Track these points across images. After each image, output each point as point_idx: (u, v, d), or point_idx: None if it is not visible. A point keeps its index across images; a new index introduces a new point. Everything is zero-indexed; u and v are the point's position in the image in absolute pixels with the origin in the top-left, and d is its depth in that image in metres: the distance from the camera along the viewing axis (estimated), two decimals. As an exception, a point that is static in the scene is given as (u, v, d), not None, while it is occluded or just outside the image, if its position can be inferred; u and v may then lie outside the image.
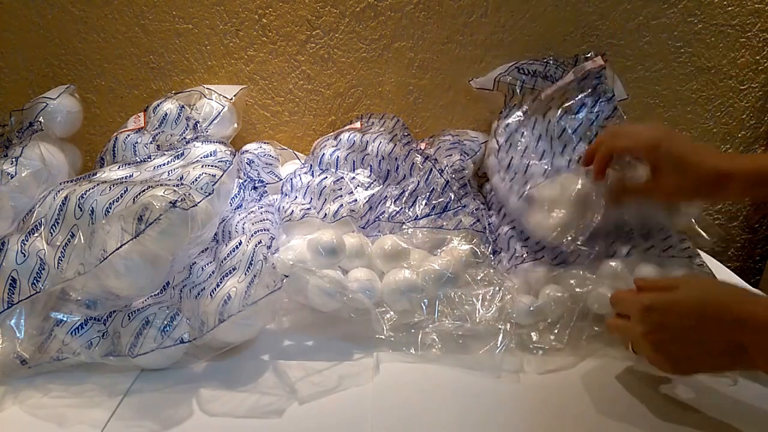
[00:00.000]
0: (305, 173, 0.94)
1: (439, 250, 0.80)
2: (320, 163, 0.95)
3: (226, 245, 0.77)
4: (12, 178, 0.78)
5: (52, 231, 0.69)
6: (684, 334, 0.57)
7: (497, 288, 0.75)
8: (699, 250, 0.81)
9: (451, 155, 0.93)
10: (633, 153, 0.75)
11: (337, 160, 0.94)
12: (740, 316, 0.54)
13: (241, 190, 0.91)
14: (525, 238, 0.83)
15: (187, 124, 0.94)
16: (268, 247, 0.75)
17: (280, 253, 0.76)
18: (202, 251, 0.79)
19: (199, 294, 0.71)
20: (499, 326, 0.72)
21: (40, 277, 0.66)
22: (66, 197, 0.70)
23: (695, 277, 0.74)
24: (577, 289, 0.75)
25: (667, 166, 0.70)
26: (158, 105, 0.96)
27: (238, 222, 0.83)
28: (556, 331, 0.73)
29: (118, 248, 0.62)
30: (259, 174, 0.99)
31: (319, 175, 0.91)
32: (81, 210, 0.68)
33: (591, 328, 0.73)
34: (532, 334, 0.74)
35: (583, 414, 0.63)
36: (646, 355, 0.61)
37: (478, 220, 0.84)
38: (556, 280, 0.78)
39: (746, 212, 1.17)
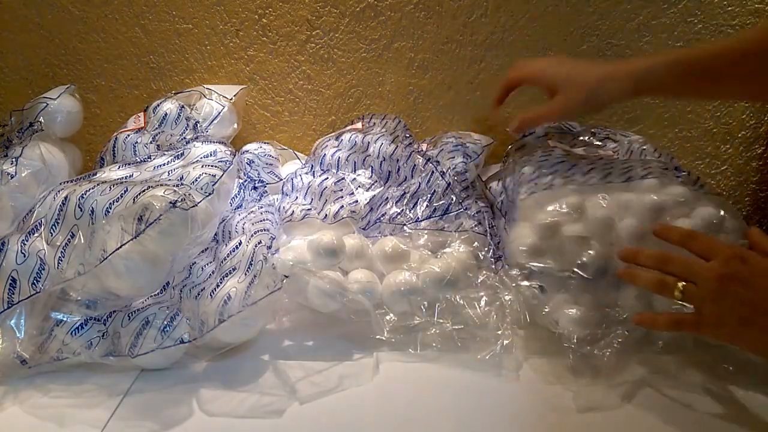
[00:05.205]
0: (306, 173, 0.94)
1: (439, 253, 0.80)
2: (321, 163, 0.95)
3: (226, 245, 0.77)
4: (12, 178, 0.78)
5: (52, 231, 0.69)
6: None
7: (498, 291, 0.75)
8: None
9: (454, 157, 0.92)
10: (535, 80, 0.84)
11: (339, 160, 0.94)
12: None
13: (241, 190, 0.91)
14: None
15: (187, 124, 0.94)
16: (268, 248, 0.75)
17: (280, 253, 0.76)
18: (202, 251, 0.79)
19: (199, 294, 0.71)
20: (498, 331, 0.71)
21: (40, 277, 0.66)
22: (66, 197, 0.70)
23: None
24: None
25: (565, 85, 0.77)
26: (158, 105, 0.96)
27: (238, 222, 0.83)
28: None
29: (118, 248, 0.62)
30: (259, 174, 0.99)
31: (320, 176, 0.91)
32: (81, 210, 0.68)
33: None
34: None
35: (583, 413, 0.63)
36: (703, 305, 0.58)
37: (480, 223, 0.83)
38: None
39: (746, 212, 1.17)
